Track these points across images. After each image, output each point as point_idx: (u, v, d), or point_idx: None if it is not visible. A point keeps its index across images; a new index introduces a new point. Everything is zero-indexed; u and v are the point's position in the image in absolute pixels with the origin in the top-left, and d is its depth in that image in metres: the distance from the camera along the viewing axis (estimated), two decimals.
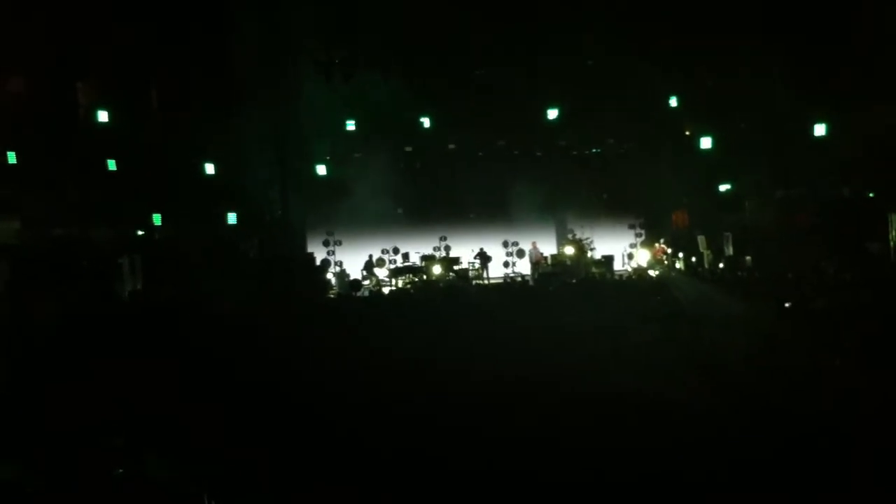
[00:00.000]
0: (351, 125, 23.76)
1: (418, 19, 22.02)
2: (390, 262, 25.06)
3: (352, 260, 25.24)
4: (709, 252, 23.21)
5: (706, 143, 22.99)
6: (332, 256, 25.40)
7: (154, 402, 10.34)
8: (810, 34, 20.99)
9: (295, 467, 9.20)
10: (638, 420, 10.38)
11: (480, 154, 26.59)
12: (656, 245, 25.07)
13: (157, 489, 7.36)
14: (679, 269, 23.37)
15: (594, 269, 23.55)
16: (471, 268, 24.61)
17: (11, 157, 19.91)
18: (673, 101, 23.53)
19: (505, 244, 26.05)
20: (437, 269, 23.57)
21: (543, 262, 24.59)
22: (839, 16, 20.56)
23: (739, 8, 21.44)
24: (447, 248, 25.67)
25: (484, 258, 24.94)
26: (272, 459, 9.22)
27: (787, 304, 17.42)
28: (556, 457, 9.21)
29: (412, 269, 24.20)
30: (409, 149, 26.16)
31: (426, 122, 24.36)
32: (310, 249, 24.64)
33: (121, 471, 7.40)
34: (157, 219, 22.11)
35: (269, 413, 10.74)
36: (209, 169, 22.19)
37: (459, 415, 10.75)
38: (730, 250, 22.83)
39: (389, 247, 25.34)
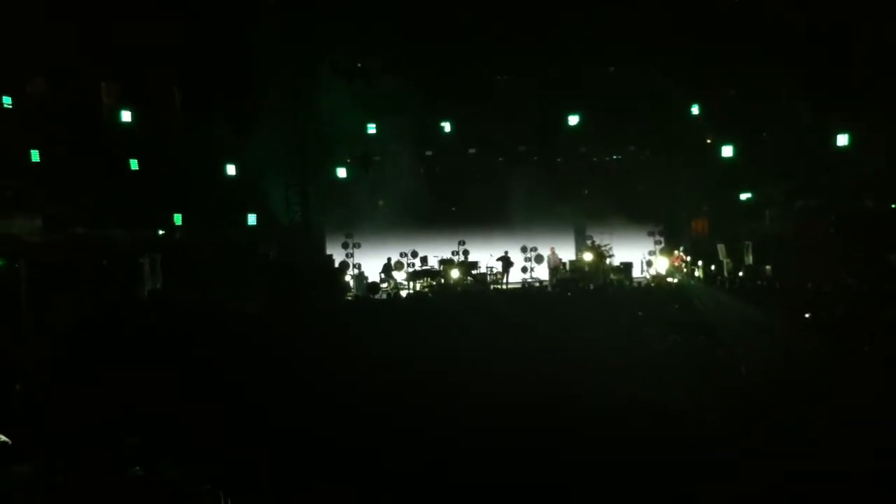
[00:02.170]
0: (372, 129, 23.95)
1: (441, 25, 22.12)
2: (409, 265, 25.01)
3: (370, 263, 25.24)
4: (728, 260, 23.04)
5: (727, 151, 23.02)
6: (351, 259, 25.42)
7: (165, 403, 10.43)
8: (832, 44, 20.93)
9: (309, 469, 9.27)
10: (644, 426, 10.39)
11: (500, 159, 26.58)
12: (675, 252, 24.90)
13: (174, 488, 7.42)
14: (698, 278, 23.22)
15: (612, 276, 23.43)
16: (489, 273, 24.55)
17: (35, 156, 20.13)
18: (694, 110, 23.57)
19: (523, 249, 25.94)
20: (455, 274, 23.55)
21: (562, 267, 24.46)
22: (863, 27, 20.49)
23: (762, 18, 21.42)
24: (465, 253, 25.62)
25: (506, 262, 24.84)
26: (289, 461, 9.30)
27: (806, 315, 17.37)
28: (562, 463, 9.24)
29: (430, 273, 24.15)
30: (429, 153, 26.23)
31: (447, 126, 24.55)
32: (329, 252, 24.63)
33: (138, 468, 7.46)
34: (177, 219, 22.27)
35: (281, 416, 10.82)
36: (230, 170, 22.41)
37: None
38: (750, 259, 22.65)
39: (408, 250, 25.29)
